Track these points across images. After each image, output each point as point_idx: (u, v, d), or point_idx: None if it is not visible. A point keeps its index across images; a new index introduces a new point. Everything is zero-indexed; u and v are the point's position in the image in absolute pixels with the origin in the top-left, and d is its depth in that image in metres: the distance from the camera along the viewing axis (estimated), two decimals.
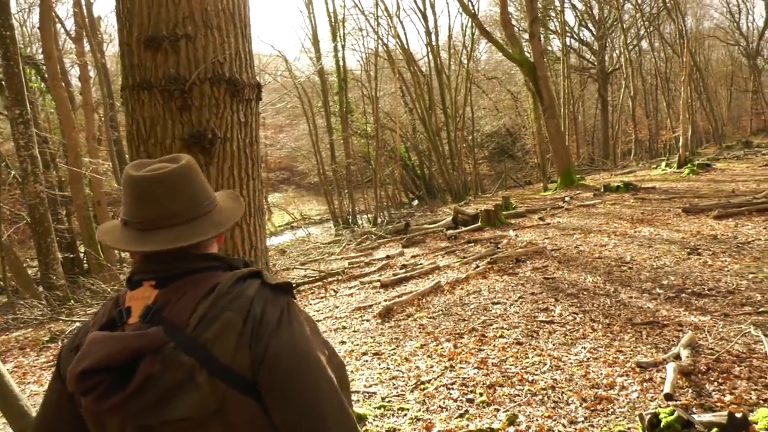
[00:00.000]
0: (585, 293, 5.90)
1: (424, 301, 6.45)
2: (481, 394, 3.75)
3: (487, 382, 3.93)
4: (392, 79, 28.09)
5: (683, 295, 5.46)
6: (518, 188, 25.54)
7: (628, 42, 30.79)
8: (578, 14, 35.60)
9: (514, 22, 26.39)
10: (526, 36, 23.39)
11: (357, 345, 5.28)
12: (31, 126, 11.35)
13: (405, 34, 52.54)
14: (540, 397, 3.63)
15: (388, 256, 10.50)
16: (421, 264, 8.93)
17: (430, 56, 28.19)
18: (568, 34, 33.42)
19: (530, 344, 4.61)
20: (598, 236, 9.05)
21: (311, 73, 27.66)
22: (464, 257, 8.72)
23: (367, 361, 4.80)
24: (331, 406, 0.92)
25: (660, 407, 3.08)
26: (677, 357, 3.91)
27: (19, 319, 9.55)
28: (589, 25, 36.01)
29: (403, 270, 8.51)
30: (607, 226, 9.92)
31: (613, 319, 4.99)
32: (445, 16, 61.77)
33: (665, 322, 4.72)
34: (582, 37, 37.42)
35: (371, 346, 5.12)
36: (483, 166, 33.05)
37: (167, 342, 0.89)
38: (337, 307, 7.09)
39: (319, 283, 8.99)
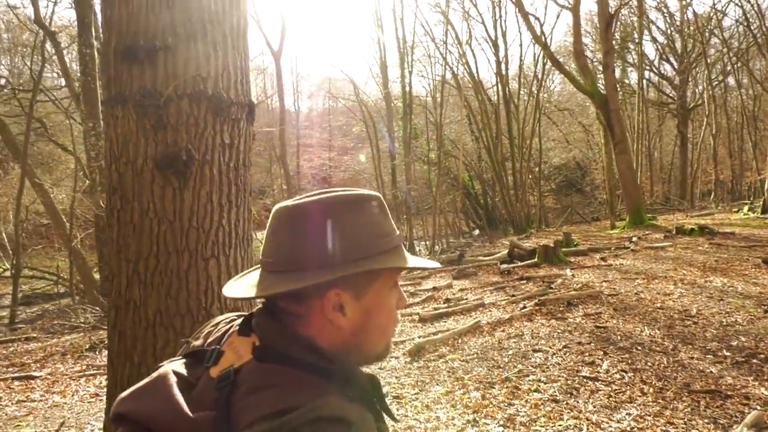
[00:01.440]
0: (639, 348, 5.29)
1: (460, 341, 6.01)
2: None
3: None
4: (459, 106, 27.86)
5: (754, 360, 4.78)
6: (584, 224, 24.42)
7: (712, 77, 29.14)
8: (659, 47, 34.20)
9: (588, 54, 25.62)
10: (601, 68, 22.55)
11: None
12: (101, 139, 11.91)
13: (475, 62, 52.39)
14: None
15: (435, 288, 10.09)
16: (466, 299, 8.48)
17: (499, 85, 27.75)
18: (647, 67, 32.11)
19: (567, 403, 4.10)
20: (662, 283, 8.28)
21: (378, 99, 27.90)
22: (513, 295, 8.21)
23: None
24: None
25: None
26: None
27: (72, 323, 9.83)
28: (671, 58, 34.48)
29: (446, 305, 8.10)
30: (674, 272, 9.10)
31: (667, 382, 4.39)
32: (516, 45, 60.97)
33: (729, 392, 4.09)
34: (662, 71, 35.88)
35: (393, 387, 4.76)
36: (549, 199, 31.97)
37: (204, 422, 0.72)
38: None
39: None
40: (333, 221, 0.81)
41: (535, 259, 11.36)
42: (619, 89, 23.25)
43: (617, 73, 25.01)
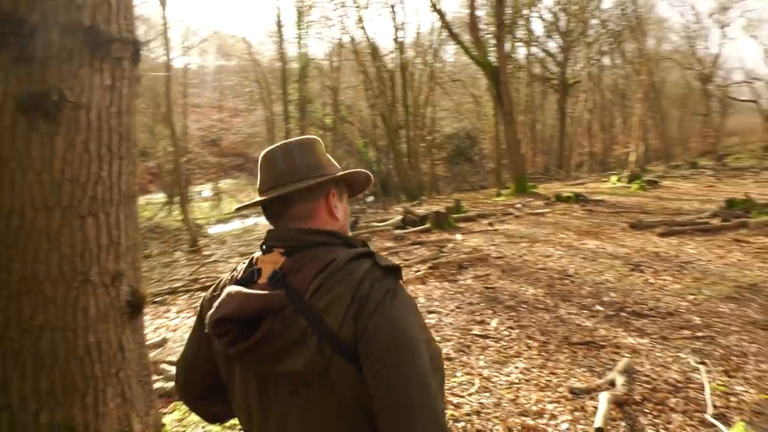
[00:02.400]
0: (524, 306, 5.62)
1: None
2: None
3: None
4: (356, 72, 27.60)
5: (623, 313, 5.26)
6: (473, 192, 25.50)
7: (590, 56, 31.27)
8: (545, 24, 35.99)
9: (482, 26, 26.35)
10: (494, 41, 23.30)
11: None
12: None
13: (373, 27, 52.12)
14: (463, 423, 3.28)
15: None
16: None
17: (397, 52, 27.83)
18: (534, 44, 33.71)
19: (460, 360, 4.27)
20: (543, 246, 8.87)
21: (273, 59, 26.87)
22: (407, 259, 8.37)
23: None
24: (421, 389, 0.95)
25: None
26: (612, 383, 3.65)
27: None
28: (555, 36, 36.44)
29: None
30: (553, 236, 9.78)
31: (550, 336, 4.72)
32: (416, 13, 61.44)
33: (603, 343, 4.48)
34: (547, 48, 37.88)
35: None
36: (440, 167, 32.91)
37: (287, 305, 0.98)
38: None
39: None
40: (316, 148, 1.18)
41: (427, 225, 11.67)
42: (508, 63, 24.19)
43: (507, 47, 25.97)
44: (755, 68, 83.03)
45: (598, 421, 3.06)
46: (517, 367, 4.09)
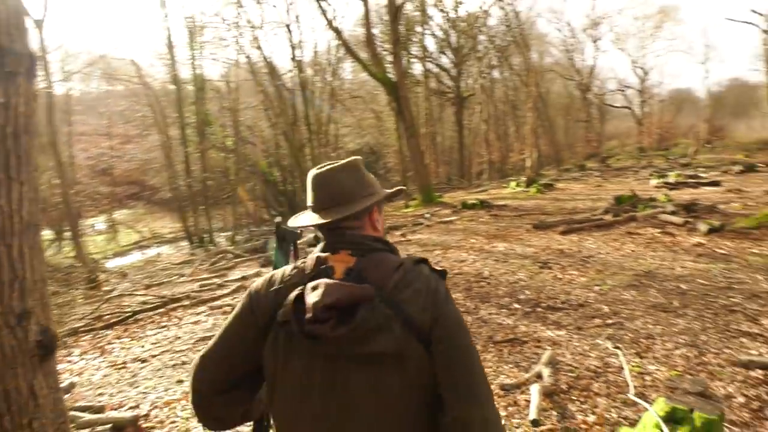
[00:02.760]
0: None
1: None
2: None
3: None
4: (255, 92, 27.13)
5: (539, 309, 5.48)
6: None
7: (482, 70, 32.89)
8: (438, 41, 37.43)
9: (378, 44, 26.91)
10: (391, 58, 23.84)
11: None
12: None
13: (270, 47, 51.70)
14: None
15: (243, 277, 9.69)
16: None
17: (295, 71, 27.70)
18: (429, 59, 34.93)
19: None
20: (457, 252, 9.10)
21: (165, 81, 25.75)
22: None
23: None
24: (477, 360, 1.21)
25: None
26: (539, 376, 3.76)
27: None
28: (448, 52, 38.00)
29: None
30: (465, 241, 10.07)
31: (475, 337, 4.80)
32: (312, 32, 61.70)
33: (525, 339, 4.63)
34: (441, 64, 39.38)
35: None
36: None
37: (375, 296, 1.16)
38: (179, 338, 6.21)
39: (162, 309, 7.93)
40: (360, 169, 1.36)
41: None
42: (406, 78, 24.84)
43: (404, 63, 26.69)
44: (626, 78, 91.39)
45: (533, 414, 3.13)
46: None
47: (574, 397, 3.44)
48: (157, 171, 29.67)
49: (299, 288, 1.19)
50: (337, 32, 21.49)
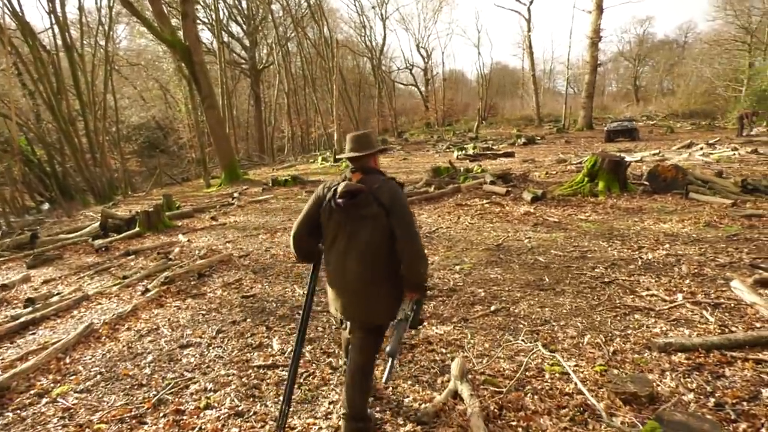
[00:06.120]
0: (299, 312, 4.60)
1: (69, 360, 4.07)
2: None
3: None
4: (2, 53, 21.85)
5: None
6: (176, 185, 23.06)
7: (279, 40, 31.30)
8: (227, 7, 34.64)
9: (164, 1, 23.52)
10: (179, 18, 20.95)
11: None
12: None
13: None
14: None
15: (4, 286, 7.24)
16: (59, 293, 6.23)
17: (56, 29, 22.99)
18: (219, 27, 32.17)
19: (254, 412, 3.03)
20: (284, 235, 7.97)
21: None
22: (125, 276, 6.45)
23: None
24: (415, 228, 2.41)
25: None
26: (456, 395, 2.95)
27: None
28: (239, 19, 35.48)
29: (30, 308, 5.73)
30: (289, 222, 8.96)
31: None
32: None
33: (412, 342, 3.78)
34: (232, 32, 36.65)
35: None
36: (132, 161, 28.94)
37: (366, 191, 2.40)
38: None
39: None
40: (371, 135, 2.73)
41: (137, 229, 9.61)
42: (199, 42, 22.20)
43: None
44: (411, 57, 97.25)
45: None
46: (331, 402, 3.07)
47: (513, 423, 2.68)
48: None
49: (336, 184, 2.51)
50: None
